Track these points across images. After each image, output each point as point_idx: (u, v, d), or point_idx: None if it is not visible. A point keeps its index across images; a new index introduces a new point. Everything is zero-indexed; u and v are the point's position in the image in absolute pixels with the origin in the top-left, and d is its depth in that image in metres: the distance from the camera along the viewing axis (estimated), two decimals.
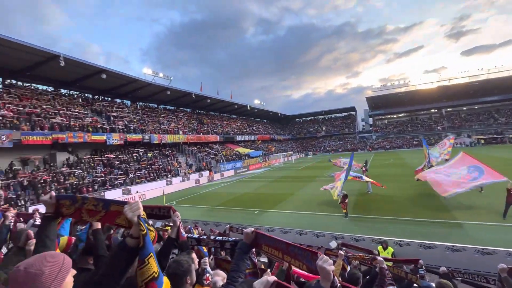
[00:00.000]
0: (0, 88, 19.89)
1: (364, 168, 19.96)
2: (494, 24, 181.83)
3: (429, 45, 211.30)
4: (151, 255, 1.18)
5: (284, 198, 16.36)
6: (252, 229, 1.72)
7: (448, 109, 62.23)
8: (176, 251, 2.14)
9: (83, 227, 4.25)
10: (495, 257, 6.37)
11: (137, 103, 34.31)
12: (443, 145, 19.43)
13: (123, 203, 1.30)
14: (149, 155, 27.50)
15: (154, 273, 1.17)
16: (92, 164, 21.39)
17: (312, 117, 79.15)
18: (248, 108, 50.42)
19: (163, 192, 18.96)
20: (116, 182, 20.61)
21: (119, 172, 22.01)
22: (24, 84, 22.51)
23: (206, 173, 29.01)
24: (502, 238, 8.09)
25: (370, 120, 71.91)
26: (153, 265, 1.18)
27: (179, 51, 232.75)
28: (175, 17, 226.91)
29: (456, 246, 7.13)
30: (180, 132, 32.40)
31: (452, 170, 12.53)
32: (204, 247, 2.62)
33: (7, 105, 18.06)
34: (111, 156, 23.82)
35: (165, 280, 1.26)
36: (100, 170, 21.13)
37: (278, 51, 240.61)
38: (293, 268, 2.32)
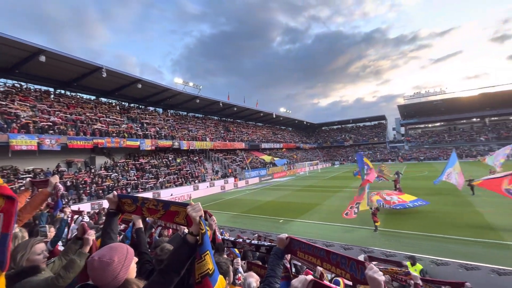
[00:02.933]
0: (52, 97, 22.21)
1: (396, 181, 19.02)
2: None
3: (469, 50, 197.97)
4: (208, 253, 1.30)
5: (309, 208, 16.03)
6: (286, 235, 1.77)
7: (493, 118, 57.07)
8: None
9: (121, 227, 4.58)
10: None
11: (168, 111, 36.12)
12: (497, 155, 18.36)
13: (184, 205, 1.46)
14: (178, 160, 28.65)
15: (209, 270, 1.29)
16: (126, 168, 22.79)
17: (340, 126, 77.07)
18: (274, 116, 50.58)
19: (190, 197, 19.57)
20: (147, 185, 21.71)
21: (150, 176, 23.19)
22: (71, 93, 24.92)
23: (231, 180, 29.44)
24: None
25: (402, 129, 68.15)
26: (209, 262, 1.30)
27: (208, 61, 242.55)
28: (205, 29, 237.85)
29: (503, 270, 6.47)
30: (208, 139, 33.41)
31: None
32: (236, 249, 2.72)
33: (57, 112, 20.07)
34: (143, 160, 25.21)
35: (220, 279, 1.37)
36: (133, 174, 22.44)
37: (305, 59, 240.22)
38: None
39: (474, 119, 59.50)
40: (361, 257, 6.08)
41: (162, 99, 31.82)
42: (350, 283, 3.77)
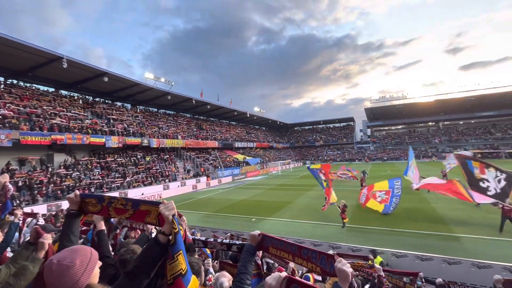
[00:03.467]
0: (2, 88, 19.96)
1: (362, 179, 20.11)
2: (491, 41, 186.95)
3: (427, 60, 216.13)
4: (181, 252, 1.25)
5: (281, 207, 16.32)
6: (259, 231, 1.78)
7: (445, 123, 62.96)
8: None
9: (83, 228, 4.27)
10: (491, 271, 6.40)
11: (137, 106, 34.42)
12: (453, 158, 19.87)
13: (155, 203, 1.39)
14: (147, 159, 27.44)
15: (181, 270, 1.24)
16: (90, 166, 21.29)
17: (311, 126, 79.57)
18: (248, 115, 50.67)
19: (161, 197, 18.87)
20: (113, 185, 20.49)
21: (116, 175, 21.92)
22: (26, 84, 22.61)
23: (203, 179, 28.95)
24: (499, 252, 8.14)
25: (368, 131, 72.33)
26: (182, 262, 1.25)
27: (181, 57, 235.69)
28: (179, 24, 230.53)
29: (452, 259, 7.15)
30: (179, 137, 32.44)
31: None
32: (207, 249, 2.67)
33: (8, 104, 18.08)
34: (109, 158, 23.75)
35: (193, 279, 1.32)
36: (97, 173, 21.04)
37: (279, 60, 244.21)
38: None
39: (430, 123, 65.13)
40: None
41: (131, 94, 30.23)
42: (320, 278, 3.91)
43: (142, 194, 20.54)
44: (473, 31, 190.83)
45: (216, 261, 2.97)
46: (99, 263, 1.15)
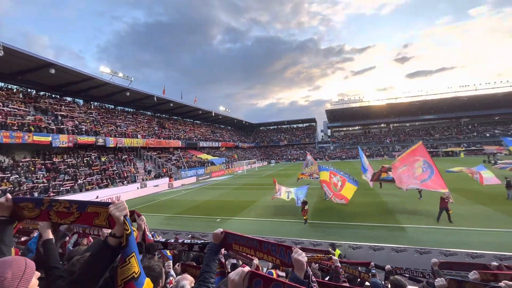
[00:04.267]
0: None
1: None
2: (432, 53, 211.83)
3: (380, 67, 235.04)
4: (133, 255, 1.17)
5: (246, 206, 16.41)
6: (221, 229, 1.78)
7: (395, 125, 69.49)
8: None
9: (21, 238, 3.79)
10: (430, 256, 7.24)
11: (91, 103, 31.63)
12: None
13: (105, 204, 1.28)
14: (103, 159, 25.39)
15: (134, 273, 1.16)
16: (33, 168, 18.96)
17: (276, 126, 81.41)
18: (213, 115, 49.87)
19: (118, 200, 17.57)
20: (62, 188, 18.54)
21: (66, 178, 19.87)
22: None
23: (166, 180, 27.75)
24: (436, 239, 9.26)
25: (329, 132, 76.52)
26: (134, 265, 1.17)
27: (141, 51, 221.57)
28: (139, 16, 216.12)
29: (399, 247, 7.94)
30: (139, 136, 30.62)
31: (413, 167, 13.40)
32: (168, 251, 2.57)
33: None
34: (57, 159, 21.43)
35: (147, 282, 1.24)
36: (42, 175, 18.83)
37: (245, 60, 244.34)
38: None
39: (383, 125, 71.34)
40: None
41: (83, 89, 27.64)
42: (284, 274, 4.03)
43: (97, 197, 18.94)
44: (417, 43, 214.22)
45: (178, 264, 2.87)
46: (37, 274, 1.00)
